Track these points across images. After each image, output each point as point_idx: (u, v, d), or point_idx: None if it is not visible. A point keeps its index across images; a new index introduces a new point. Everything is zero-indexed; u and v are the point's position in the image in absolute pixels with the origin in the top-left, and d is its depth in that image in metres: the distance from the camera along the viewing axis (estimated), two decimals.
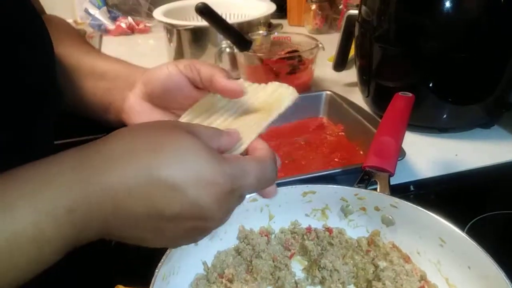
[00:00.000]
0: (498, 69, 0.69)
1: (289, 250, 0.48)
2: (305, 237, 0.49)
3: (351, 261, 0.47)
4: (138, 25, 1.39)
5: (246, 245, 0.48)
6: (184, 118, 0.41)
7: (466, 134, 0.75)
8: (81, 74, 0.49)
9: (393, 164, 0.51)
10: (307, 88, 0.89)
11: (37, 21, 0.41)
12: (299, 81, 0.86)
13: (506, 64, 0.68)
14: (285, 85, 0.41)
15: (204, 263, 0.46)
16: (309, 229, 0.50)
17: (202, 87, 0.42)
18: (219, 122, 0.39)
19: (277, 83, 0.41)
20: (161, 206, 0.28)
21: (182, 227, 0.30)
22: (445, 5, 0.63)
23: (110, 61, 0.51)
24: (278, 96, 0.40)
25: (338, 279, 0.44)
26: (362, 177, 0.50)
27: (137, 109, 0.46)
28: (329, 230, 0.49)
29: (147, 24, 1.41)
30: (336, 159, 0.67)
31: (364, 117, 0.70)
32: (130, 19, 1.39)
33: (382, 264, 0.45)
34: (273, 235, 0.50)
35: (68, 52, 0.49)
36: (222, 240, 0.48)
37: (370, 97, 0.80)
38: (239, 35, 0.80)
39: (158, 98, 0.44)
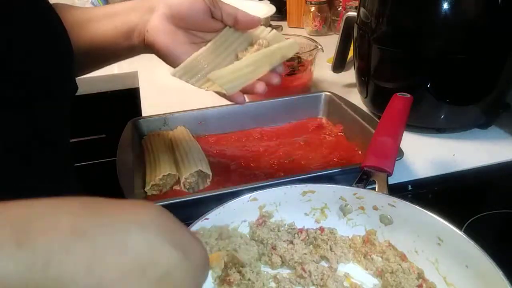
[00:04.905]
0: (496, 70, 0.69)
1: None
2: (295, 235, 0.49)
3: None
4: None
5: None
6: (208, 47, 0.50)
7: (463, 134, 0.75)
8: (95, 21, 0.53)
9: (391, 164, 0.51)
10: (306, 89, 0.89)
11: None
12: (299, 82, 0.87)
13: (504, 65, 0.69)
14: (288, 41, 0.51)
15: None
16: (300, 230, 0.50)
17: (220, 19, 0.50)
18: (232, 57, 0.51)
19: (277, 34, 0.52)
20: None
21: None
22: (442, 7, 0.64)
23: (118, 3, 0.54)
24: (279, 46, 0.50)
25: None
26: (361, 177, 0.51)
27: (161, 28, 0.49)
28: (320, 229, 0.50)
29: None
30: (335, 159, 0.67)
31: (362, 117, 0.70)
32: None
33: (378, 259, 0.45)
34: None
35: (76, 13, 0.54)
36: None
37: (369, 98, 0.81)
38: None
39: (182, 20, 0.49)
